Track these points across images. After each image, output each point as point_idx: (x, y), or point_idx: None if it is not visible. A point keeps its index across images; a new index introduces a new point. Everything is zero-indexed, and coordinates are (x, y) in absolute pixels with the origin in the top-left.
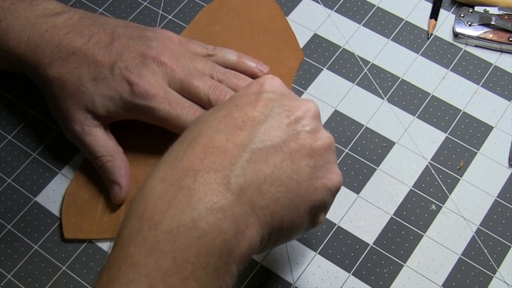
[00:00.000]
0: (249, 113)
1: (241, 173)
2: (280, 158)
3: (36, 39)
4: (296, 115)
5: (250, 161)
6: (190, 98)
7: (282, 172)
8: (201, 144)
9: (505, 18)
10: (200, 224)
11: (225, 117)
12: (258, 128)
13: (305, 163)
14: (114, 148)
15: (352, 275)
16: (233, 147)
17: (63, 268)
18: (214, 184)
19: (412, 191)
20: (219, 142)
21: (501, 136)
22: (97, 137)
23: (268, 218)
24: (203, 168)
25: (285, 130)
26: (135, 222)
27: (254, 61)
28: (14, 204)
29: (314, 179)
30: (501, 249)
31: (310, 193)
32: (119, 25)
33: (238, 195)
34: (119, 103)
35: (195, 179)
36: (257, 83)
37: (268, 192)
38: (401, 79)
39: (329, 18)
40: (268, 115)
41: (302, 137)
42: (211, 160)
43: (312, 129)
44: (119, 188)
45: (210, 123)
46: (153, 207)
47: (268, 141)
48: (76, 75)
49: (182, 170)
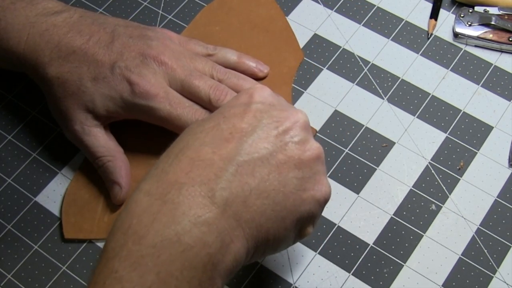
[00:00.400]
0: (237, 124)
1: (226, 186)
2: (267, 170)
3: (35, 38)
4: (284, 126)
5: (236, 174)
6: (191, 98)
7: (269, 185)
8: (187, 157)
9: (505, 18)
10: (184, 238)
11: (212, 129)
12: (245, 140)
13: (292, 174)
14: (115, 148)
15: (352, 275)
16: (219, 159)
17: (63, 268)
18: (199, 198)
19: (412, 191)
20: (205, 155)
21: (501, 136)
22: (98, 137)
23: (254, 231)
24: (188, 181)
25: (273, 142)
26: (120, 236)
27: (254, 61)
28: (14, 204)
29: (302, 191)
30: (501, 249)
31: (298, 205)
32: (119, 24)
33: (223, 208)
34: (119, 103)
35: (180, 192)
36: (246, 94)
37: (254, 205)
38: (401, 79)
39: (329, 18)
40: (256, 126)
41: (290, 149)
42: (197, 173)
43: (300, 140)
44: (119, 188)
45: (197, 135)
46: (138, 221)
47: (255, 153)
48: (76, 75)
49: (168, 184)
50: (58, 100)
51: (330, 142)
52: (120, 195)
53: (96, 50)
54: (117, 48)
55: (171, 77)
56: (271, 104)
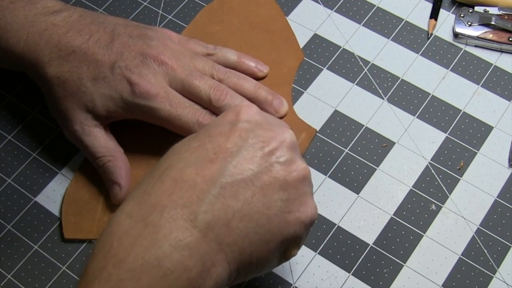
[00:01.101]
0: (222, 144)
1: (208, 209)
2: (251, 192)
3: (35, 37)
4: (271, 146)
5: (219, 196)
6: (191, 98)
7: (252, 207)
8: (170, 178)
9: (505, 18)
10: (164, 262)
11: (197, 149)
12: (229, 161)
13: (277, 196)
14: (115, 148)
15: (352, 275)
16: (202, 181)
17: (63, 268)
18: (181, 221)
19: (412, 191)
20: (189, 176)
21: (501, 136)
22: (98, 137)
23: (237, 254)
24: (170, 203)
25: (258, 163)
26: (100, 259)
27: (254, 61)
28: (14, 204)
29: (287, 213)
30: (501, 249)
31: (282, 227)
32: (118, 24)
33: (205, 231)
34: (119, 103)
35: (162, 215)
36: (233, 112)
37: (236, 228)
38: (401, 79)
39: (329, 18)
40: (242, 146)
41: (276, 170)
42: (179, 195)
43: (286, 160)
44: (119, 189)
45: (181, 155)
46: (118, 244)
47: (239, 174)
48: (76, 75)
49: (149, 206)
50: (57, 100)
51: (330, 142)
52: (120, 195)
53: (96, 49)
54: (117, 48)
55: (171, 77)
56: (258, 123)
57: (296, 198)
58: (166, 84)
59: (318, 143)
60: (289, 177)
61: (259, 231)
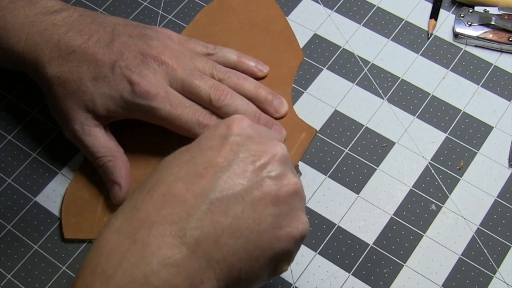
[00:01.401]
0: (213, 158)
1: (197, 226)
2: (241, 208)
3: (35, 37)
4: (262, 160)
5: (208, 212)
6: (191, 97)
7: (243, 223)
8: (159, 193)
9: (505, 18)
10: (152, 280)
11: (187, 163)
12: (220, 176)
13: (268, 212)
14: (115, 148)
15: (352, 275)
16: (192, 197)
17: (63, 268)
18: (169, 237)
19: (412, 191)
20: (178, 191)
21: (501, 136)
22: (98, 137)
23: (226, 271)
24: (159, 219)
25: (249, 177)
26: (88, 275)
27: (254, 61)
28: (14, 204)
29: (277, 228)
30: (501, 249)
31: (272, 243)
32: (119, 24)
33: (193, 248)
34: (119, 103)
35: (150, 231)
36: (224, 125)
37: (226, 244)
38: (401, 79)
39: (329, 18)
40: (233, 160)
41: (267, 184)
42: (168, 211)
43: (277, 174)
44: (119, 188)
45: (172, 169)
46: (106, 260)
47: (230, 189)
48: (76, 74)
49: (138, 221)
50: (58, 99)
51: (330, 142)
52: (120, 195)
53: (96, 49)
54: (117, 48)
55: (171, 77)
56: (249, 136)
57: (287, 213)
58: (167, 84)
59: (318, 143)
60: (280, 191)
61: (248, 247)
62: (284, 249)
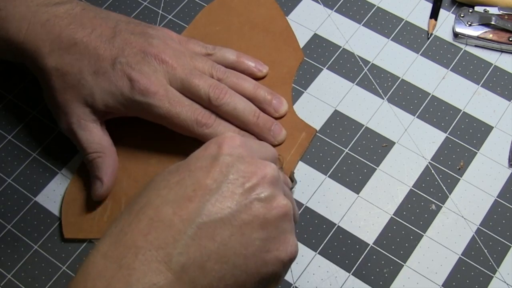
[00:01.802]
0: (202, 180)
1: (184, 251)
2: (228, 232)
3: (37, 28)
4: (251, 182)
5: (195, 237)
6: (190, 96)
7: (230, 248)
8: (147, 217)
9: (505, 18)
10: None
11: (176, 185)
12: (208, 199)
13: (256, 235)
14: (108, 146)
15: (352, 275)
16: (179, 221)
17: (63, 268)
18: (155, 263)
19: (412, 191)
20: (165, 215)
21: (501, 136)
22: (93, 132)
23: None
24: (146, 244)
25: (237, 200)
26: None
27: (253, 61)
28: (14, 204)
29: (265, 252)
30: (501, 249)
31: (260, 267)
32: (121, 20)
33: (179, 274)
34: (118, 99)
35: (136, 257)
36: (215, 144)
37: (212, 270)
38: (401, 79)
39: (329, 18)
40: (222, 182)
41: (256, 207)
42: (155, 236)
43: (267, 196)
44: (100, 185)
45: (160, 192)
46: (92, 286)
47: (217, 213)
48: (76, 68)
49: (125, 247)
50: (56, 92)
51: (330, 142)
52: (100, 192)
53: (98, 44)
54: (119, 44)
55: (171, 76)
56: (240, 156)
57: (276, 236)
58: (166, 83)
59: (318, 143)
60: (269, 214)
61: (235, 272)
62: (271, 272)
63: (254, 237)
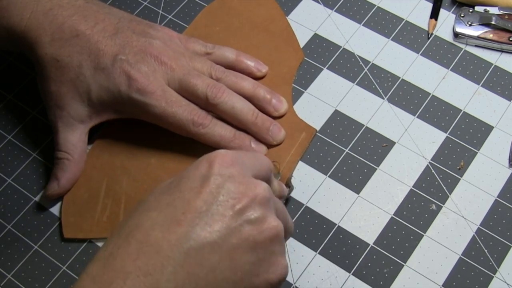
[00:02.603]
0: (192, 202)
1: (171, 278)
2: (217, 257)
3: (39, 16)
4: (241, 204)
5: (184, 263)
6: (188, 97)
7: (218, 273)
8: (136, 240)
9: (505, 18)
10: None
11: (167, 207)
12: (197, 222)
13: (245, 259)
14: (80, 152)
15: (352, 275)
16: (168, 246)
17: (63, 268)
18: None
19: (412, 191)
20: (155, 239)
21: (501, 136)
22: (74, 133)
23: None
24: (134, 270)
25: (227, 223)
26: None
27: (253, 60)
28: (14, 204)
29: (255, 276)
30: (502, 249)
31: None
32: (124, 17)
33: None
34: (115, 96)
35: (125, 283)
36: (206, 162)
37: None
38: (401, 79)
39: (329, 18)
40: (211, 204)
41: (245, 230)
42: (144, 261)
43: (257, 218)
44: (56, 187)
45: (150, 214)
46: None
47: (206, 237)
48: (76, 61)
49: (113, 271)
50: (52, 82)
51: (330, 142)
52: (54, 192)
53: (100, 38)
54: (120, 41)
55: (170, 77)
56: (230, 176)
57: (265, 259)
58: (164, 83)
59: (318, 143)
60: (259, 236)
61: None
62: None
63: (243, 262)
